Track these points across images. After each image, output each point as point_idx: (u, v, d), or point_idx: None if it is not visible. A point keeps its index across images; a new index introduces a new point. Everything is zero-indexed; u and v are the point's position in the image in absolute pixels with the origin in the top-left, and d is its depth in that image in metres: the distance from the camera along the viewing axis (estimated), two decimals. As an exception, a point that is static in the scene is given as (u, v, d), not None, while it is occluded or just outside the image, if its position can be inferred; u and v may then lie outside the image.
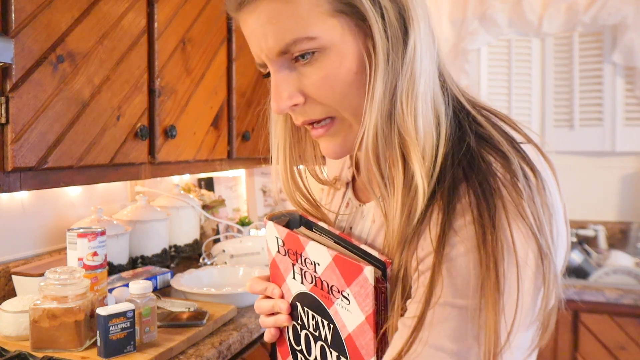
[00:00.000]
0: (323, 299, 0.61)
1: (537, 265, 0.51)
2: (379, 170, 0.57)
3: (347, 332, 0.58)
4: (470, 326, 0.50)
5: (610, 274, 1.99)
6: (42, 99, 1.10)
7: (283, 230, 0.65)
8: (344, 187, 0.75)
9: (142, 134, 1.36)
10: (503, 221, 0.51)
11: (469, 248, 0.51)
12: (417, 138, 0.55)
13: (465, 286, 0.51)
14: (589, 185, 2.44)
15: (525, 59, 2.52)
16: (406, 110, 0.55)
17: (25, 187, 1.09)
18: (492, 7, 2.37)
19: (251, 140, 1.96)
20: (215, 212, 2.16)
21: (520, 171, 0.53)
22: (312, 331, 0.64)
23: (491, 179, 0.53)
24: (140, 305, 1.16)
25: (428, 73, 0.57)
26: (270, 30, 0.56)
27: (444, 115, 0.58)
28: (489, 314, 0.49)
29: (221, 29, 1.75)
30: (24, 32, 1.05)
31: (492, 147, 0.56)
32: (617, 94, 2.37)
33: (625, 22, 2.22)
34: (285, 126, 0.70)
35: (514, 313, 0.50)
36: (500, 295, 0.49)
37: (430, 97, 0.57)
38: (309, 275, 0.62)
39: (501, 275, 0.50)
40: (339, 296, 0.58)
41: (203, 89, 1.66)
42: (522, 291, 0.51)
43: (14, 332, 1.17)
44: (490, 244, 0.50)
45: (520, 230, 0.51)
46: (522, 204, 0.51)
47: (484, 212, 0.51)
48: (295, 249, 0.64)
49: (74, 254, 1.23)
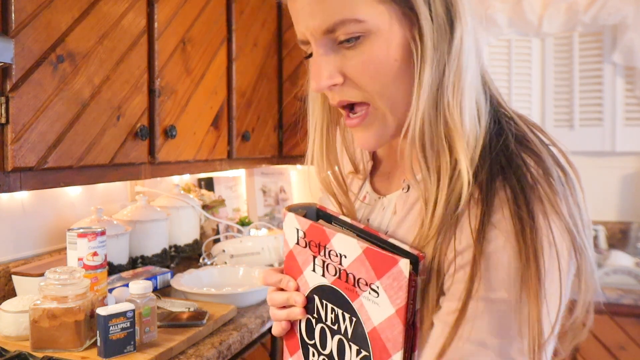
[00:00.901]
0: (347, 292, 0.60)
1: (572, 259, 0.53)
2: (424, 158, 0.58)
3: (372, 325, 0.58)
4: (511, 319, 0.51)
5: (610, 274, 1.99)
6: (42, 99, 1.10)
7: (305, 221, 0.64)
8: (361, 180, 0.76)
9: (142, 134, 1.36)
10: (540, 215, 0.52)
11: (508, 240, 0.52)
12: (463, 129, 0.56)
13: (505, 279, 0.51)
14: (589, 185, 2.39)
15: (525, 59, 2.52)
16: (453, 101, 0.56)
17: (25, 187, 1.09)
18: (492, 7, 2.37)
19: (251, 140, 1.96)
20: (215, 212, 2.16)
21: (554, 170, 0.55)
22: (329, 325, 0.63)
23: (528, 175, 0.54)
24: (140, 305, 1.16)
25: (473, 68, 0.58)
26: (318, 8, 0.56)
27: (484, 110, 0.59)
28: (532, 306, 0.50)
29: (221, 29, 1.75)
30: (24, 32, 1.05)
31: (526, 145, 0.57)
32: (617, 94, 2.37)
33: (625, 22, 2.22)
34: (324, 107, 0.70)
35: (558, 303, 0.51)
36: (542, 286, 0.50)
37: (474, 91, 0.58)
38: (332, 267, 0.61)
39: (542, 266, 0.51)
40: (367, 289, 0.57)
41: (203, 89, 1.66)
42: (563, 282, 0.52)
43: (14, 332, 1.17)
44: (529, 236, 0.51)
45: (556, 225, 0.52)
46: (557, 201, 0.53)
47: (522, 206, 0.52)
48: (319, 241, 0.62)
49: (74, 254, 1.23)
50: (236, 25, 1.84)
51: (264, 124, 2.07)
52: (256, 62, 2.00)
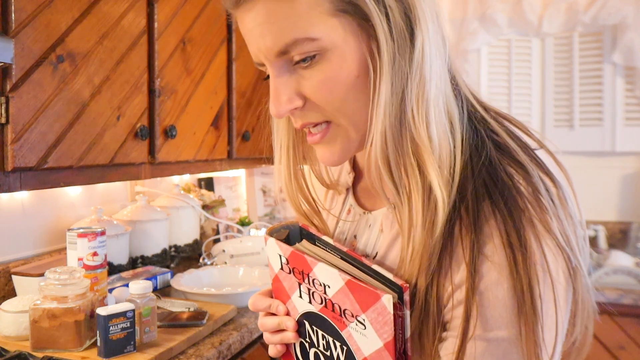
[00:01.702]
0: (335, 321, 0.58)
1: (567, 281, 0.51)
2: (391, 178, 0.55)
3: (362, 355, 0.56)
4: (513, 355, 0.50)
5: (610, 274, 1.99)
6: (42, 99, 1.09)
7: (287, 248, 0.62)
8: (344, 193, 0.73)
9: (142, 134, 1.36)
10: (533, 241, 0.50)
11: (502, 274, 0.50)
12: (432, 146, 0.53)
13: (503, 316, 0.50)
14: (589, 185, 2.44)
15: (525, 59, 2.52)
16: (417, 116, 0.52)
17: (25, 187, 1.09)
18: (492, 7, 2.37)
19: (251, 140, 1.96)
20: (215, 212, 2.16)
21: (541, 184, 0.52)
22: (322, 350, 0.62)
23: (516, 196, 0.51)
24: (140, 305, 1.16)
25: (439, 76, 0.54)
26: (268, 29, 0.53)
27: (457, 120, 0.56)
28: (529, 340, 0.49)
29: (221, 29, 1.75)
30: (24, 32, 1.05)
31: (510, 157, 0.54)
32: (617, 94, 2.37)
33: (625, 22, 2.22)
34: (289, 125, 0.67)
35: (555, 334, 0.50)
36: (538, 319, 0.49)
37: (442, 101, 0.54)
38: (317, 296, 0.59)
39: (537, 298, 0.49)
40: (354, 320, 0.56)
41: (203, 89, 1.66)
42: (559, 310, 0.50)
43: (14, 332, 1.17)
44: (522, 267, 0.49)
45: (549, 248, 0.50)
46: (548, 221, 0.50)
47: (512, 234, 0.50)
48: (302, 269, 0.60)
49: (74, 254, 1.23)
50: (236, 25, 1.83)
51: (264, 124, 2.06)
52: (256, 62, 1.99)
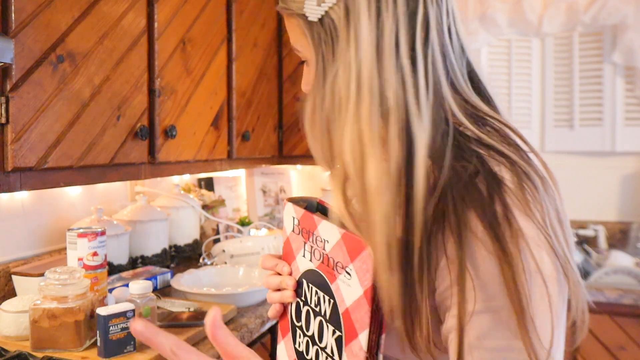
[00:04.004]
0: (328, 276, 0.64)
1: (558, 272, 0.53)
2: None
3: (345, 306, 0.61)
4: (510, 325, 0.51)
5: (610, 274, 1.99)
6: (42, 99, 1.10)
7: (300, 210, 0.69)
8: None
9: (142, 134, 1.36)
10: (515, 218, 0.52)
11: (488, 248, 0.52)
12: (343, 160, 0.58)
13: (495, 288, 0.52)
14: (589, 185, 2.44)
15: (525, 59, 2.52)
16: (337, 131, 0.59)
17: (25, 187, 1.09)
18: (492, 7, 2.37)
19: (251, 140, 1.96)
20: (215, 212, 2.16)
21: (524, 175, 0.54)
22: (313, 307, 0.67)
23: (500, 181, 0.54)
24: (140, 305, 1.16)
25: (360, 99, 0.56)
26: (289, 33, 0.70)
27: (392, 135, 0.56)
28: (519, 314, 0.51)
29: (221, 29, 1.75)
30: (24, 32, 1.05)
31: (497, 151, 0.56)
32: (617, 94, 2.37)
33: (625, 22, 2.22)
34: None
35: (551, 333, 0.52)
36: (524, 294, 0.50)
37: (367, 129, 0.56)
38: (317, 252, 0.65)
39: (521, 273, 0.51)
40: (343, 272, 0.61)
41: (203, 89, 1.66)
42: (549, 283, 0.52)
43: (14, 332, 1.17)
44: (506, 242, 0.51)
45: (531, 226, 0.52)
46: (529, 202, 0.52)
47: (495, 211, 0.52)
48: (309, 228, 0.67)
49: (74, 254, 1.23)
50: (236, 25, 1.84)
51: (264, 124, 2.07)
52: (256, 62, 2.00)
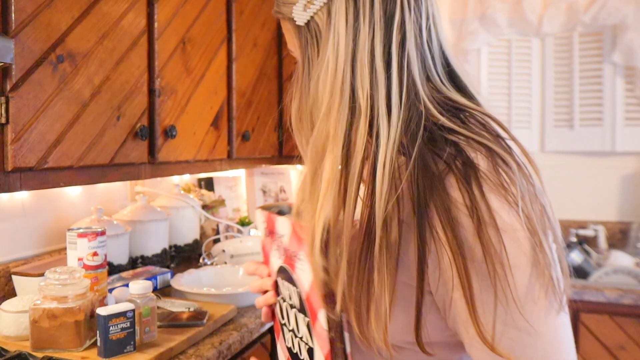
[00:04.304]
0: (290, 267, 0.67)
1: (534, 250, 0.54)
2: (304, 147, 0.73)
3: (305, 291, 0.64)
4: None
5: (610, 274, 1.99)
6: (42, 99, 1.10)
7: (265, 213, 0.73)
8: None
9: (142, 134, 1.36)
10: (488, 195, 0.54)
11: (472, 219, 0.54)
12: (308, 154, 0.66)
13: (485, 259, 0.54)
14: (589, 185, 2.44)
15: (525, 59, 2.52)
16: (319, 127, 0.64)
17: (25, 187, 1.09)
18: (492, 7, 2.37)
19: (251, 140, 1.96)
20: (215, 212, 2.16)
21: (499, 158, 0.56)
22: (289, 301, 0.69)
23: (473, 160, 0.56)
24: (140, 305, 1.16)
25: (334, 97, 0.62)
26: (285, 35, 0.73)
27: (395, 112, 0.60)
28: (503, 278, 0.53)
29: (221, 29, 1.75)
30: (24, 32, 1.05)
31: (474, 140, 0.58)
32: (617, 94, 2.37)
33: (625, 22, 2.22)
34: None
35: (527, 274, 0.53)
36: (504, 262, 0.53)
37: (334, 126, 0.62)
38: (281, 248, 0.68)
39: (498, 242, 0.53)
40: (298, 260, 0.64)
41: (203, 89, 1.66)
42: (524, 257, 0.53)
43: (14, 332, 1.17)
44: (482, 214, 0.54)
45: (502, 202, 0.54)
46: (502, 181, 0.54)
47: (470, 184, 0.54)
48: (272, 228, 0.71)
49: (74, 254, 1.23)
50: (236, 25, 1.84)
51: (264, 124, 2.07)
52: (256, 62, 2.00)
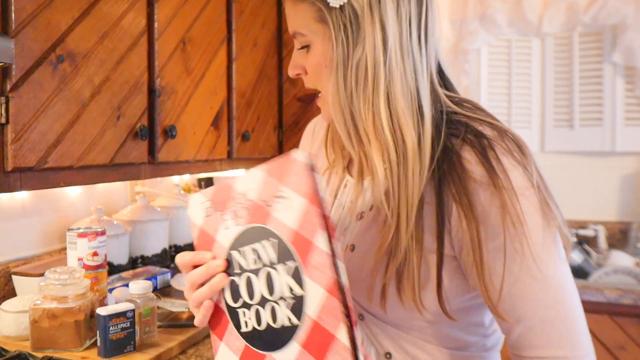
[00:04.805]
0: (261, 219, 0.61)
1: (542, 204, 0.65)
2: (346, 149, 0.78)
3: (291, 230, 0.58)
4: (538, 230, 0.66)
5: (610, 274, 1.99)
6: (42, 99, 1.09)
7: (210, 189, 0.67)
8: (340, 174, 0.83)
9: (142, 134, 1.36)
10: (502, 161, 0.65)
11: (491, 190, 0.64)
12: (377, 133, 0.68)
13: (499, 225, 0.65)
14: (589, 185, 2.44)
15: (525, 59, 2.52)
16: (364, 108, 0.68)
17: (25, 187, 1.09)
18: (492, 7, 2.37)
19: (251, 140, 1.96)
20: (215, 212, 2.15)
21: (505, 136, 0.67)
22: (253, 267, 0.62)
23: (483, 138, 0.66)
24: (140, 305, 1.16)
25: (392, 78, 0.67)
26: (289, 18, 0.74)
27: (427, 110, 0.68)
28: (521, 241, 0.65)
29: (221, 29, 1.75)
30: (24, 32, 1.05)
31: (481, 121, 0.68)
32: (617, 94, 2.37)
33: (625, 22, 2.22)
34: None
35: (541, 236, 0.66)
36: (523, 224, 0.64)
37: (398, 102, 0.67)
38: (242, 210, 0.63)
39: (517, 206, 0.64)
40: (275, 200, 0.59)
41: (203, 89, 1.66)
42: (537, 213, 0.65)
43: (14, 332, 1.17)
44: (501, 184, 0.64)
45: (514, 166, 0.65)
46: (513, 152, 0.65)
47: (487, 156, 0.65)
48: (224, 196, 0.65)
49: (74, 254, 1.23)
50: (236, 25, 1.84)
51: (264, 124, 2.07)
52: (256, 62, 2.00)
